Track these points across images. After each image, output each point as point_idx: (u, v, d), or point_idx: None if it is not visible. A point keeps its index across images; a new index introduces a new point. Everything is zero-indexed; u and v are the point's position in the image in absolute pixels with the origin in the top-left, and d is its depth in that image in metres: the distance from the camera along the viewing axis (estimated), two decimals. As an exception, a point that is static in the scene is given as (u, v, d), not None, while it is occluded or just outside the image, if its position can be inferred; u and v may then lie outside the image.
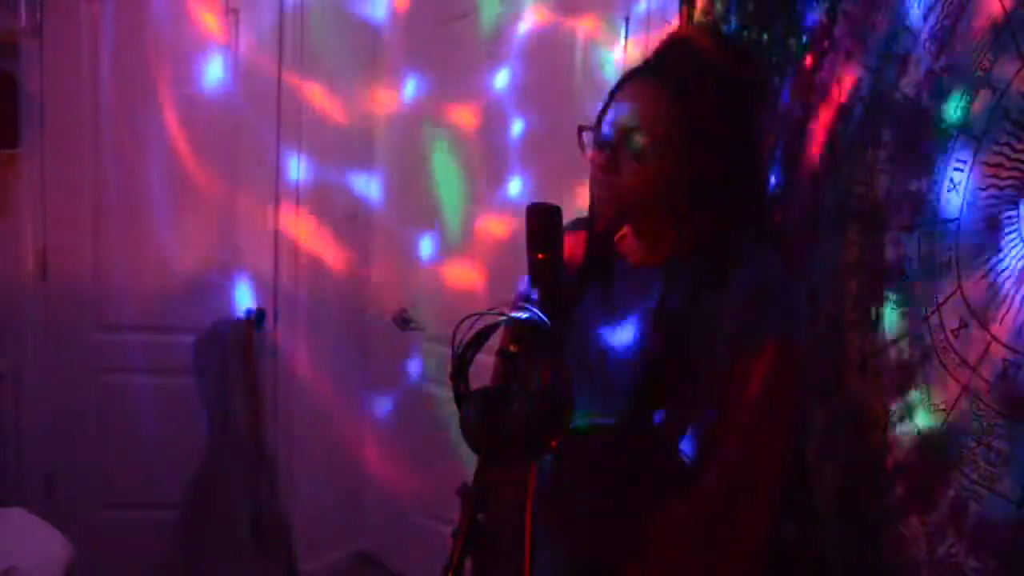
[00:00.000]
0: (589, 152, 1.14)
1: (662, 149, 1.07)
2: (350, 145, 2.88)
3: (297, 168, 2.74)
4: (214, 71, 2.67)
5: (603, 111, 1.14)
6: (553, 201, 1.05)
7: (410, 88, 2.82)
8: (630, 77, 1.13)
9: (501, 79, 2.51)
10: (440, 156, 2.74)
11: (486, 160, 2.60)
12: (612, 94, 1.14)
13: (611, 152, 1.10)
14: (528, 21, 2.43)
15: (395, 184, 2.91)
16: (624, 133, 1.08)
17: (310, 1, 2.70)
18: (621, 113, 1.10)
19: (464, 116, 2.65)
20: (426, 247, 2.82)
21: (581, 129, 1.15)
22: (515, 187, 2.49)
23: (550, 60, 2.37)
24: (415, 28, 2.80)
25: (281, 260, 2.77)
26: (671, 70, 1.10)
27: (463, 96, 2.64)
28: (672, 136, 1.07)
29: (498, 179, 2.53)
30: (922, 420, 1.00)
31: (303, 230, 2.78)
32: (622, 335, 1.15)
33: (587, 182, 1.17)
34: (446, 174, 2.73)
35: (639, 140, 1.07)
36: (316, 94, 2.75)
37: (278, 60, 2.69)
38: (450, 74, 2.68)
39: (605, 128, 1.11)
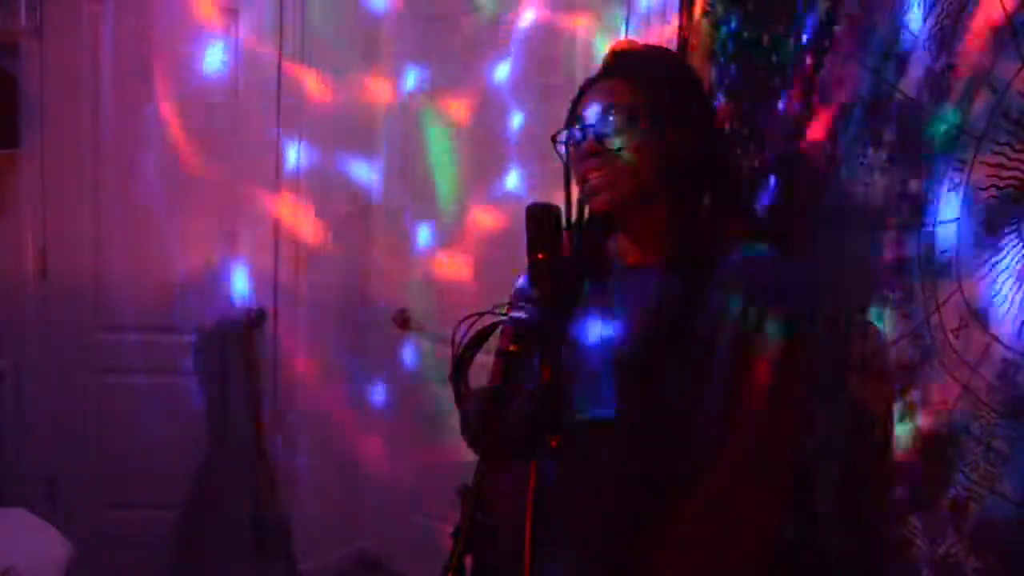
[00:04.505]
0: (568, 152, 1.20)
1: (635, 128, 1.13)
2: (350, 135, 2.86)
3: (297, 157, 2.73)
4: (214, 63, 2.66)
5: (570, 120, 1.20)
6: (551, 196, 1.06)
7: (410, 79, 2.81)
8: (588, 85, 1.22)
9: (501, 72, 2.52)
10: (439, 147, 2.74)
11: (484, 152, 2.60)
12: (575, 104, 1.21)
13: (591, 144, 1.15)
14: (528, 16, 2.44)
15: (394, 174, 2.90)
16: (599, 124, 1.15)
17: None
18: (590, 112, 1.17)
19: (463, 108, 2.65)
20: (425, 238, 2.81)
21: (554, 137, 1.20)
22: (513, 180, 2.51)
23: (550, 55, 2.38)
24: (415, 18, 2.79)
25: (281, 254, 2.76)
26: (622, 68, 1.20)
27: (462, 88, 2.64)
28: (643, 116, 1.13)
29: (496, 171, 2.54)
30: (922, 420, 1.00)
31: (303, 221, 2.77)
32: (622, 334, 1.16)
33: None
34: (444, 165, 2.73)
35: (614, 124, 1.13)
36: (316, 83, 2.72)
37: (278, 50, 2.67)
38: (450, 66, 2.68)
39: (578, 130, 1.17)
